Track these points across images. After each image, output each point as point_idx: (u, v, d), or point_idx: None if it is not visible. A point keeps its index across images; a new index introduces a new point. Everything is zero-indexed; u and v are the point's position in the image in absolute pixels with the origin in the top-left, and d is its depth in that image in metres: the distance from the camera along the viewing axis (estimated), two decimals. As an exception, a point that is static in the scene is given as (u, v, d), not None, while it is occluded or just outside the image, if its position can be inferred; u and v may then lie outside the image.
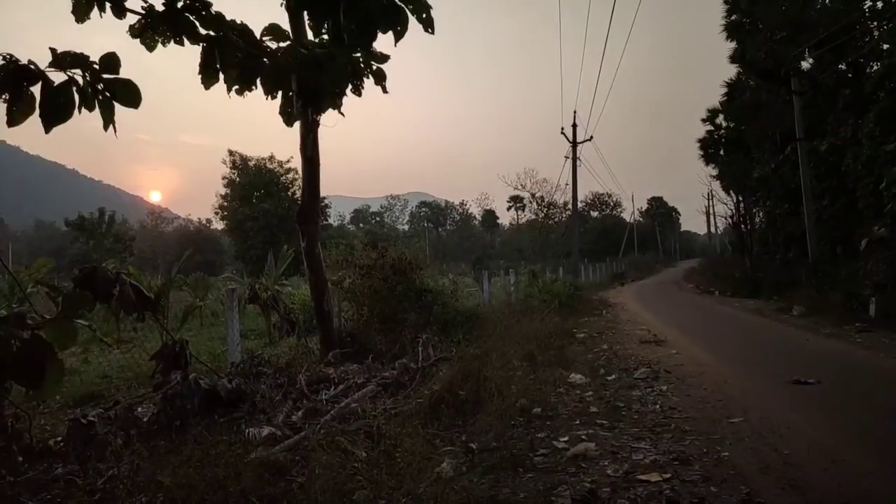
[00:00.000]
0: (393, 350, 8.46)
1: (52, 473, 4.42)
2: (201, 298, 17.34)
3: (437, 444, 5.02)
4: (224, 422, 5.47)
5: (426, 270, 11.33)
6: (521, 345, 9.02)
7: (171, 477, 3.93)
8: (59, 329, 3.38)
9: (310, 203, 9.02)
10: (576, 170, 31.91)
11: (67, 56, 4.06)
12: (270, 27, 5.16)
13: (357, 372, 7.39)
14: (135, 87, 4.24)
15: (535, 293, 17.91)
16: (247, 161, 50.62)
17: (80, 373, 9.56)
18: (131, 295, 5.17)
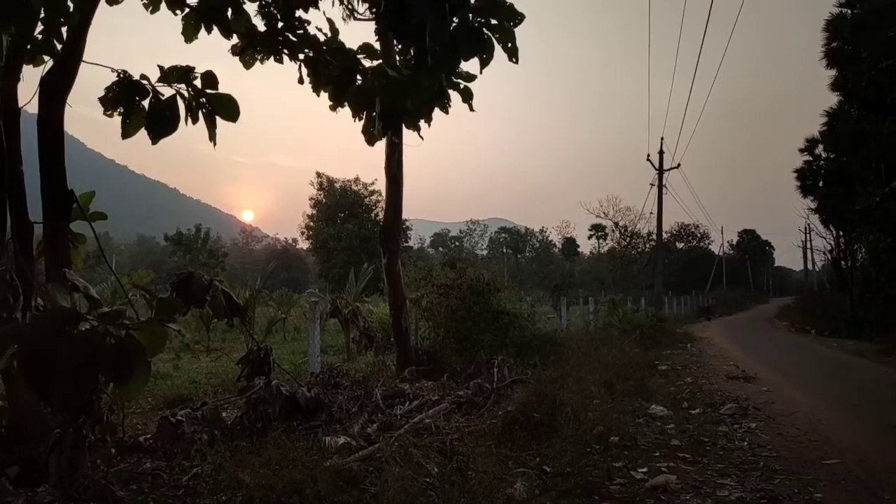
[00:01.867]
0: (468, 370, 8.45)
1: (140, 467, 4.67)
2: (285, 313, 17.96)
3: (509, 465, 4.95)
4: (302, 429, 5.62)
5: (504, 292, 11.27)
6: (599, 372, 8.79)
7: (251, 476, 4.06)
8: (152, 331, 3.56)
9: (392, 221, 9.22)
10: (661, 198, 31.05)
11: (174, 71, 4.38)
12: (364, 46, 5.37)
13: (432, 389, 7.42)
14: (234, 101, 4.51)
15: (615, 322, 17.47)
16: (333, 183, 52.37)
17: (171, 377, 10.06)
18: (223, 301, 5.42)
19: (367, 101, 5.13)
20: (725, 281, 67.75)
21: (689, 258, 72.25)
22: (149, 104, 4.28)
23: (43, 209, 4.63)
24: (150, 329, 3.47)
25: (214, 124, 4.47)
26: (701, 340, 19.37)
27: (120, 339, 3.21)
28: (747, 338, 21.86)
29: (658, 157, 31.19)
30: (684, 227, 78.37)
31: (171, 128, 4.30)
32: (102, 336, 3.15)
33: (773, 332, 26.77)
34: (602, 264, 66.86)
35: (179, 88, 4.36)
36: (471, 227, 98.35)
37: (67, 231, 4.74)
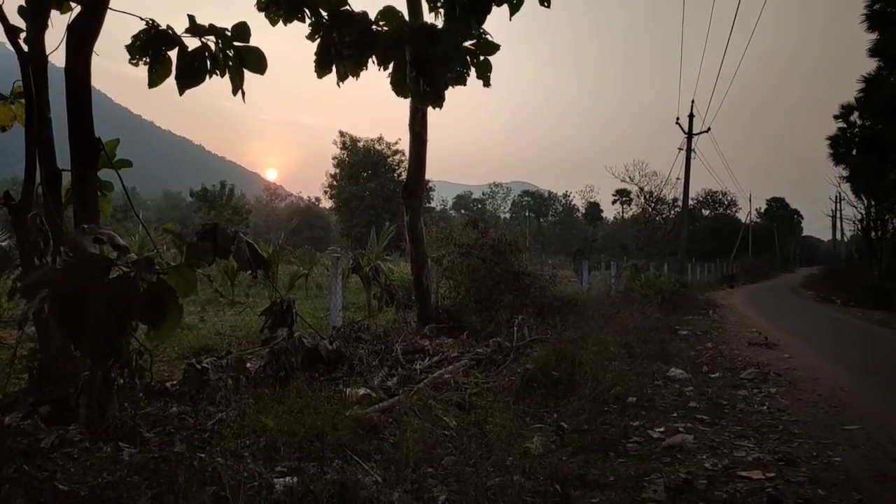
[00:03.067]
0: (488, 328, 8.50)
1: (167, 411, 4.79)
2: (307, 270, 18.15)
3: (527, 421, 5.00)
4: (323, 380, 5.72)
5: (525, 254, 11.24)
6: (618, 335, 8.78)
7: (274, 422, 4.16)
8: (182, 276, 3.63)
9: (415, 178, 9.19)
10: (689, 163, 30.47)
11: (203, 26, 4.35)
12: (385, 11, 5.24)
13: (451, 346, 7.49)
14: (261, 53, 4.48)
15: (636, 287, 17.38)
16: (356, 142, 52.30)
17: (196, 328, 10.28)
18: (247, 252, 5.46)
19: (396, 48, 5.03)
20: (751, 249, 66.86)
21: (715, 225, 71.17)
22: (176, 54, 4.27)
23: (71, 156, 4.68)
24: (180, 273, 3.53)
25: (241, 77, 4.45)
26: (723, 307, 19.22)
27: (152, 283, 3.27)
28: (771, 306, 21.65)
29: (688, 120, 30.50)
30: (711, 193, 77.04)
31: (198, 79, 4.29)
32: (135, 281, 3.20)
33: (797, 300, 26.46)
34: (625, 230, 66.32)
35: (208, 40, 4.34)
36: (493, 190, 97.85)
37: (95, 178, 4.79)
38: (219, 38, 4.48)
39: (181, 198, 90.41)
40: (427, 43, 4.94)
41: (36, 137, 4.63)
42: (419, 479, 3.69)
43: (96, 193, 4.77)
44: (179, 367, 6.76)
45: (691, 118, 30.50)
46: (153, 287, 3.46)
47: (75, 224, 4.58)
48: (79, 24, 4.74)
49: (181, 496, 3.02)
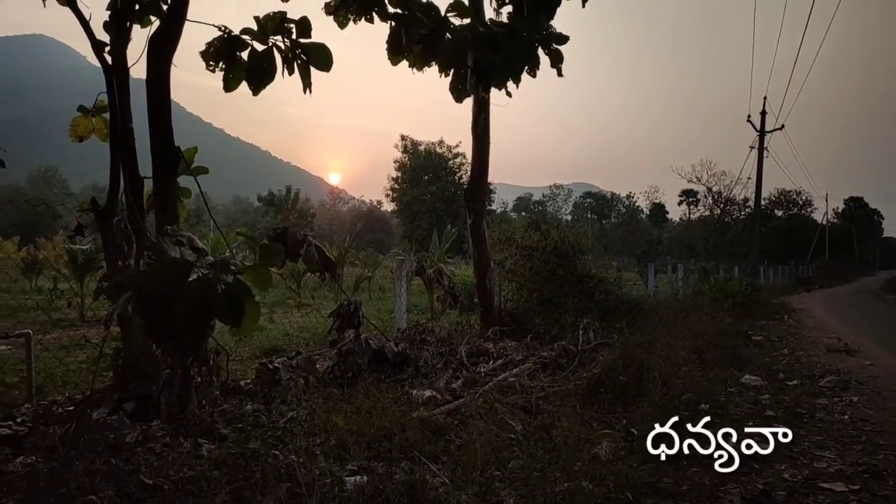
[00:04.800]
0: (552, 332, 8.40)
1: (241, 409, 4.95)
2: (371, 272, 18.42)
3: (594, 426, 4.91)
4: (390, 381, 5.79)
5: (589, 256, 11.06)
6: (688, 340, 8.52)
7: (344, 422, 4.23)
8: (258, 275, 3.76)
9: (478, 181, 9.19)
10: (761, 162, 29.33)
11: (269, 20, 4.48)
12: (455, 3, 5.29)
13: (515, 349, 7.44)
14: (327, 50, 4.59)
15: (705, 291, 16.83)
16: (417, 145, 52.80)
17: (266, 329, 10.58)
18: (315, 255, 5.60)
19: (458, 55, 5.07)
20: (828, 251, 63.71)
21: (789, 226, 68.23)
22: (248, 57, 4.43)
23: (153, 164, 4.90)
24: (255, 272, 3.65)
25: (309, 73, 4.57)
26: (799, 312, 18.39)
27: (229, 284, 3.39)
28: (850, 310, 20.57)
29: (760, 117, 29.39)
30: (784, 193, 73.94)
31: (268, 78, 4.44)
32: (214, 282, 3.33)
33: (878, 305, 25.03)
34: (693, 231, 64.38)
35: (276, 41, 4.48)
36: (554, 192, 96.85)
37: (175, 185, 5.01)
38: (284, 37, 4.62)
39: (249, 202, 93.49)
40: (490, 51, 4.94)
41: (120, 147, 4.88)
42: (486, 483, 3.68)
43: (176, 199, 4.98)
44: (251, 367, 6.99)
45: (763, 115, 29.38)
46: (231, 287, 3.60)
47: (157, 228, 4.80)
48: (158, 37, 4.97)
49: (258, 491, 3.11)
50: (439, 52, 5.04)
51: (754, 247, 31.14)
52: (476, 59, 5.00)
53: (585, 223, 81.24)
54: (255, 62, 4.42)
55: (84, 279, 13.59)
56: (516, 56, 4.90)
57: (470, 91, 5.15)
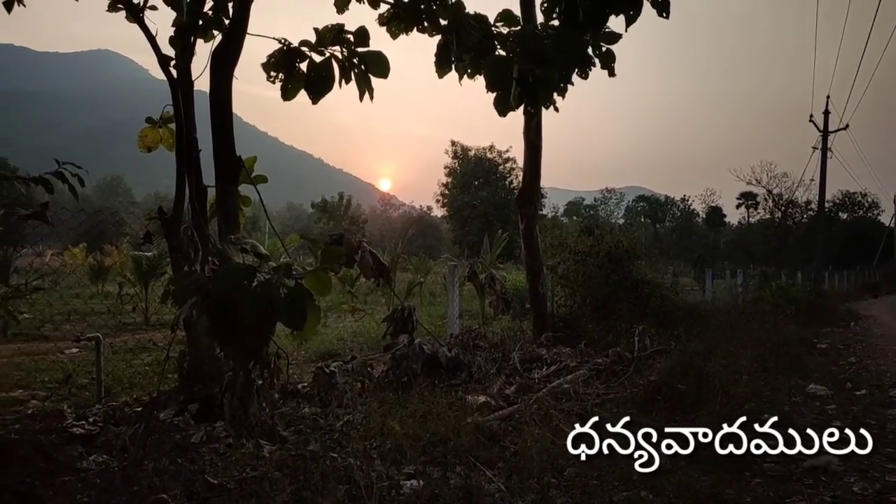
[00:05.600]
0: (606, 338, 8.28)
1: (300, 411, 5.06)
2: (423, 278, 18.54)
3: (652, 435, 4.81)
4: (443, 386, 5.81)
5: (643, 261, 10.86)
6: (749, 347, 8.26)
7: (400, 426, 4.28)
8: (318, 279, 3.84)
9: (530, 185, 9.16)
10: (825, 163, 28.29)
11: (328, 31, 4.59)
12: (503, 13, 5.29)
13: (569, 355, 7.37)
14: (384, 58, 4.67)
15: (766, 297, 16.29)
16: (467, 151, 52.90)
17: (320, 334, 10.76)
18: (370, 260, 5.69)
19: (504, 71, 5.06)
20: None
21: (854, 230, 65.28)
22: (307, 67, 4.55)
23: (215, 173, 5.07)
24: (316, 277, 3.73)
25: (368, 81, 4.66)
26: (866, 318, 17.59)
27: (291, 288, 3.48)
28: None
29: (823, 117, 28.33)
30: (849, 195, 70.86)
31: (327, 88, 4.55)
32: (277, 287, 3.42)
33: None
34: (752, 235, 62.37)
35: (333, 51, 4.59)
36: (606, 196, 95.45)
37: (236, 194, 5.16)
38: (343, 47, 4.72)
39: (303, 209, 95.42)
40: (538, 66, 4.91)
41: (186, 157, 5.06)
42: (543, 490, 3.66)
43: (238, 207, 5.14)
44: (307, 371, 7.13)
45: (826, 115, 28.32)
46: (292, 291, 3.69)
47: (219, 235, 4.96)
48: (221, 51, 5.15)
49: (318, 493, 3.18)
50: (485, 67, 5.04)
51: (818, 251, 29.98)
52: (522, 74, 4.98)
53: (639, 227, 79.76)
54: (315, 72, 4.54)
55: (148, 284, 14.12)
56: (565, 65, 4.87)
57: (514, 106, 5.13)
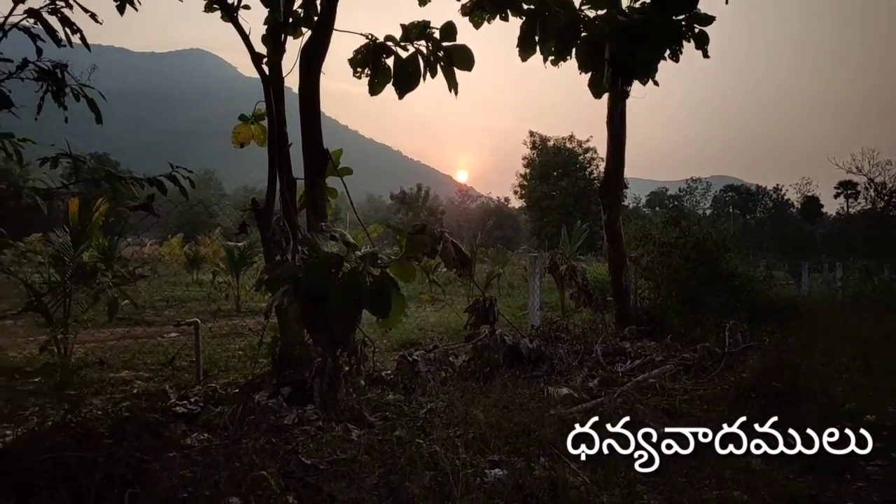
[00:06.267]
0: (693, 333, 8.01)
1: (384, 398, 5.18)
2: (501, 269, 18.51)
3: (744, 434, 4.63)
4: (525, 377, 5.80)
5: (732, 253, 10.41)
6: (849, 345, 7.78)
7: (484, 415, 4.31)
8: (403, 268, 3.92)
9: (613, 176, 8.96)
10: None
11: (413, 27, 4.65)
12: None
13: (654, 350, 7.19)
14: (469, 51, 4.69)
15: (867, 292, 15.28)
16: (546, 141, 52.20)
17: (401, 323, 10.95)
18: (452, 251, 5.73)
19: (596, 51, 4.99)
20: None
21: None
22: (393, 62, 4.63)
23: (304, 166, 5.25)
24: (400, 265, 3.80)
25: (453, 74, 4.70)
26: None
27: (377, 276, 3.56)
28: None
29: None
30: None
31: (414, 82, 4.62)
32: (363, 275, 3.51)
33: None
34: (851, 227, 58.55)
35: (419, 45, 4.64)
36: (691, 186, 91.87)
37: (323, 185, 5.33)
38: (429, 42, 4.77)
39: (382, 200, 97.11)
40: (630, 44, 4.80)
41: (277, 151, 5.26)
42: (629, 485, 3.60)
43: (325, 198, 5.31)
44: (389, 359, 7.28)
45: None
46: (378, 279, 3.78)
47: (308, 226, 5.14)
48: (310, 47, 5.31)
49: (405, 477, 3.25)
50: (577, 49, 4.98)
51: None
52: (614, 53, 4.88)
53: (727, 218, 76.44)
54: (401, 67, 4.62)
55: (239, 273, 14.79)
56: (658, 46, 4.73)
57: (608, 86, 5.04)
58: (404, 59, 4.65)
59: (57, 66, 2.01)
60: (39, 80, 1.97)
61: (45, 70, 1.99)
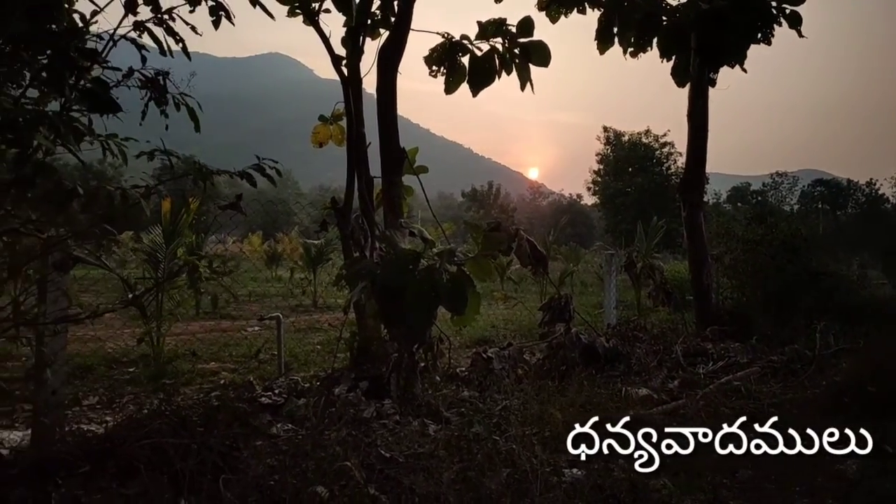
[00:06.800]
0: (780, 334, 7.65)
1: (459, 394, 5.21)
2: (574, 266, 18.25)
3: (837, 441, 4.39)
4: (601, 377, 5.70)
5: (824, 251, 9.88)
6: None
7: (561, 413, 4.27)
8: (479, 265, 3.93)
9: (695, 171, 8.67)
10: None
11: (489, 25, 4.65)
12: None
13: (738, 351, 6.90)
14: (546, 46, 4.65)
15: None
16: (620, 136, 51.00)
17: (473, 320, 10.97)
18: (527, 248, 5.71)
19: (680, 38, 4.85)
20: None
21: None
22: (469, 60, 4.64)
23: (381, 164, 5.35)
24: (476, 263, 3.82)
25: (528, 70, 4.67)
26: None
27: (453, 274, 3.60)
28: None
29: None
30: None
31: (489, 79, 4.63)
32: (440, 272, 3.55)
33: None
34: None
35: (495, 42, 4.64)
36: (776, 181, 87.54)
37: (400, 183, 5.41)
38: (505, 38, 4.76)
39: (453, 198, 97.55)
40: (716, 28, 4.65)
41: (355, 150, 5.39)
42: (713, 490, 3.48)
43: (402, 196, 5.39)
44: (462, 356, 7.32)
45: None
46: (454, 276, 3.81)
47: (385, 223, 5.23)
48: (387, 48, 5.40)
49: (482, 473, 3.26)
50: (659, 36, 4.86)
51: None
52: (700, 39, 4.73)
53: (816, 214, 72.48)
54: (477, 65, 4.63)
55: (316, 270, 15.23)
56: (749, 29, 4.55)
57: (693, 74, 4.89)
58: (479, 57, 4.66)
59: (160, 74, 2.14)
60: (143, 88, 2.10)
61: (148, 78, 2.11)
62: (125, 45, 2.11)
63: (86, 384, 5.95)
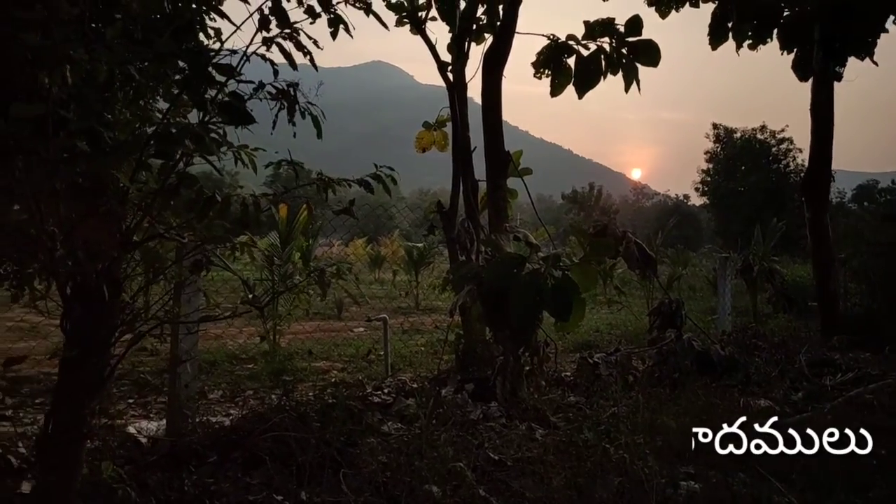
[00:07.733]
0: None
1: (565, 399, 5.14)
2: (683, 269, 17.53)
3: None
4: (716, 386, 5.44)
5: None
6: None
7: (675, 422, 4.12)
8: (584, 271, 3.86)
9: (818, 169, 8.09)
10: None
11: (596, 25, 4.56)
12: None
13: (869, 362, 6.39)
14: (655, 46, 4.50)
15: None
16: (732, 133, 48.42)
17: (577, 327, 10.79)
18: (636, 252, 5.54)
19: (802, 29, 4.56)
20: None
21: None
22: (574, 62, 4.58)
23: (486, 168, 5.37)
24: (582, 269, 3.76)
25: (635, 71, 4.54)
26: None
27: (558, 279, 3.56)
28: None
29: None
30: None
31: (594, 81, 4.54)
32: (545, 276, 3.53)
33: None
34: None
35: (601, 42, 4.55)
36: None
37: (505, 187, 5.42)
38: (612, 38, 4.65)
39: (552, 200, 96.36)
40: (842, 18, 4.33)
41: (461, 155, 5.45)
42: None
43: (507, 200, 5.39)
44: (566, 360, 7.21)
45: None
46: (559, 282, 3.76)
47: (490, 227, 5.25)
48: (492, 53, 5.43)
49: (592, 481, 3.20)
50: (779, 28, 4.59)
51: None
52: (823, 31, 4.43)
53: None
54: (583, 66, 4.55)
55: (418, 273, 15.52)
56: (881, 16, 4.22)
57: (817, 68, 4.59)
58: (586, 58, 4.58)
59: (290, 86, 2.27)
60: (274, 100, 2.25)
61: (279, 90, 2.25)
62: (252, 59, 2.27)
63: (210, 379, 6.35)
